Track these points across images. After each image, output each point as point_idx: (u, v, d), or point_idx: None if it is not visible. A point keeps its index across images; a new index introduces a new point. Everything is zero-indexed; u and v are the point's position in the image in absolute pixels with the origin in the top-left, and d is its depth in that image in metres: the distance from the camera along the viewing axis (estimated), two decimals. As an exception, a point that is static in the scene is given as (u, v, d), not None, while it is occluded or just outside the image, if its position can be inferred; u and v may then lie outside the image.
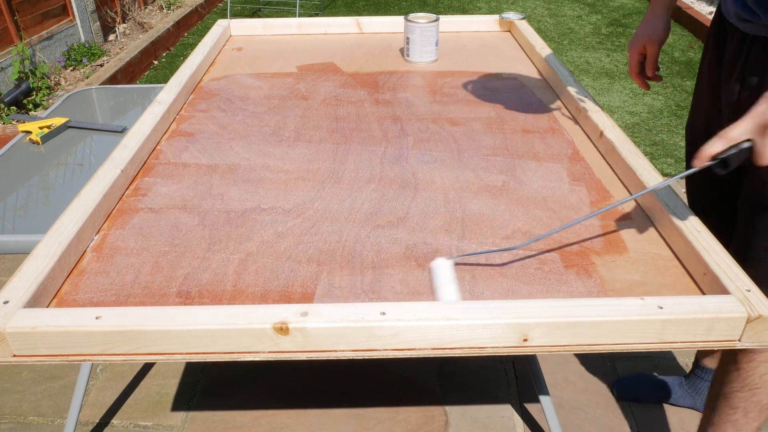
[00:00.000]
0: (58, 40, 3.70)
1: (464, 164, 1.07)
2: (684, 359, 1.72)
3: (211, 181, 1.03)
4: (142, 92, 1.78)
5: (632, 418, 1.55)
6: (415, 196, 0.98)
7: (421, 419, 1.55)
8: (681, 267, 0.81)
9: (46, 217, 1.18)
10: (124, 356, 0.68)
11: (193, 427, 1.54)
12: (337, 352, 0.68)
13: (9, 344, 0.67)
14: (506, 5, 5.24)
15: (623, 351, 0.70)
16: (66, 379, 1.69)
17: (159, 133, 1.16)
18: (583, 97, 1.23)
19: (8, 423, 1.55)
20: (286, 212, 0.93)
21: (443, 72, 1.51)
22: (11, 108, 3.13)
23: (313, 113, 1.28)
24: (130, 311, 0.68)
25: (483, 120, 1.24)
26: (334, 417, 1.56)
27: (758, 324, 0.68)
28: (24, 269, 0.75)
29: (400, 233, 0.88)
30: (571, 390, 1.63)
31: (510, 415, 1.57)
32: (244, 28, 1.80)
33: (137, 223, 0.91)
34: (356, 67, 1.54)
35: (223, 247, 0.85)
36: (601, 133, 1.10)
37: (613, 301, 0.70)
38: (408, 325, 0.67)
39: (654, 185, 0.86)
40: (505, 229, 0.89)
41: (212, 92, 1.39)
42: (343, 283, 0.78)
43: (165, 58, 4.22)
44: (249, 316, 0.68)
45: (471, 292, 0.77)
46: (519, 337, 0.68)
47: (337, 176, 1.04)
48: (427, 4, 5.32)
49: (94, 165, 1.35)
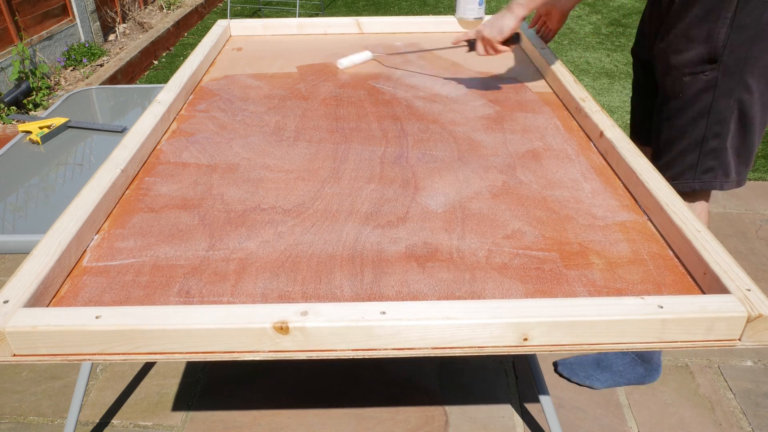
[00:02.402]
0: (58, 40, 3.70)
1: (464, 164, 1.07)
2: (684, 359, 1.72)
3: (211, 180, 1.03)
4: (142, 92, 1.78)
5: (632, 418, 1.55)
6: (415, 195, 0.98)
7: (421, 419, 1.55)
8: (681, 266, 0.81)
9: (46, 217, 1.17)
10: (124, 356, 0.68)
11: (193, 427, 1.54)
12: (337, 352, 0.68)
13: (9, 343, 0.67)
14: (506, 5, 5.23)
15: (623, 350, 0.70)
16: (66, 379, 1.69)
17: (159, 133, 1.16)
18: (583, 97, 1.23)
19: (8, 423, 1.55)
20: (286, 212, 0.93)
21: (443, 72, 1.51)
22: (11, 108, 3.13)
23: (313, 113, 1.28)
24: (130, 311, 0.68)
25: (483, 120, 1.24)
26: (333, 417, 1.56)
27: (758, 323, 0.68)
28: (24, 269, 0.75)
29: (400, 233, 0.88)
30: (571, 390, 1.63)
31: (510, 415, 1.57)
32: (244, 28, 1.80)
33: (137, 222, 0.91)
34: (356, 67, 1.54)
35: (223, 247, 0.85)
36: (601, 133, 1.10)
37: (613, 300, 0.70)
38: (408, 324, 0.67)
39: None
40: (505, 229, 0.89)
41: (212, 92, 1.39)
42: (343, 283, 0.78)
43: (165, 58, 4.22)
44: (249, 315, 0.68)
45: (471, 291, 0.77)
46: (519, 336, 0.68)
47: (337, 176, 1.04)
48: (427, 4, 5.32)
49: (94, 165, 1.35)
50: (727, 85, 1.20)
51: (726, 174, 1.28)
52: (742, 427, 1.53)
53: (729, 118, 1.23)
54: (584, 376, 1.63)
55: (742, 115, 1.23)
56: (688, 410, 1.58)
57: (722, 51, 1.18)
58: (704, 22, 1.19)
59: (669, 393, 1.63)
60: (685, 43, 1.23)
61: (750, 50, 1.17)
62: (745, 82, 1.19)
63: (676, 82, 1.26)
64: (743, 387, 1.64)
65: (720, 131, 1.24)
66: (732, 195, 2.51)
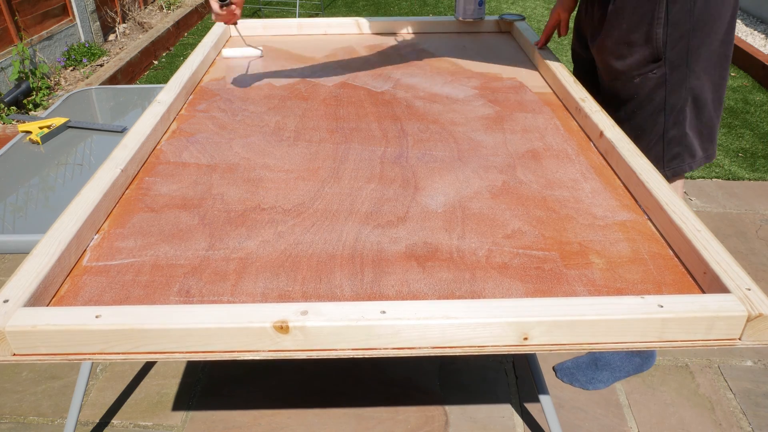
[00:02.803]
0: (58, 40, 3.71)
1: (464, 164, 1.07)
2: (684, 359, 1.72)
3: (211, 180, 1.03)
4: (142, 92, 1.78)
5: (632, 418, 1.55)
6: (415, 195, 0.98)
7: (421, 419, 1.55)
8: (681, 266, 0.81)
9: (46, 217, 1.17)
10: (124, 355, 0.68)
11: (193, 427, 1.54)
12: (338, 351, 0.69)
13: (9, 343, 0.67)
14: (506, 5, 5.24)
15: (623, 350, 0.70)
16: (66, 379, 1.69)
17: (159, 132, 1.16)
18: (583, 97, 1.23)
19: (8, 423, 1.55)
20: (286, 212, 0.93)
21: (443, 72, 1.51)
22: (11, 108, 3.13)
23: (313, 113, 1.28)
24: (130, 310, 0.68)
25: (483, 120, 1.24)
26: (333, 417, 1.56)
27: (758, 323, 0.68)
28: (24, 268, 0.75)
29: (400, 233, 0.88)
30: (571, 390, 1.63)
31: (510, 415, 1.57)
32: (244, 28, 1.80)
33: (137, 222, 0.91)
34: (356, 67, 1.54)
35: (223, 247, 0.85)
36: (601, 133, 1.10)
37: (614, 299, 0.70)
38: (408, 323, 0.67)
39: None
40: (505, 229, 0.89)
41: (212, 92, 1.39)
42: (343, 282, 0.78)
43: (165, 58, 4.22)
44: (249, 314, 0.68)
45: (471, 291, 0.77)
46: (519, 335, 0.68)
47: (337, 176, 1.04)
48: (427, 4, 5.32)
49: (94, 165, 1.35)
50: (676, 77, 1.26)
51: (692, 155, 1.34)
52: (742, 427, 1.53)
53: (684, 107, 1.29)
54: (586, 380, 1.63)
55: (696, 100, 1.29)
56: (688, 410, 1.58)
57: (664, 49, 1.24)
58: (641, 26, 1.24)
59: (669, 393, 1.63)
60: (626, 48, 1.28)
61: (690, 42, 1.23)
62: (692, 70, 1.25)
63: (627, 86, 1.31)
64: (743, 387, 1.64)
65: (678, 120, 1.30)
66: (732, 195, 2.51)
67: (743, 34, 4.26)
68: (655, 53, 1.25)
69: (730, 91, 3.46)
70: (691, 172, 2.64)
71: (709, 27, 1.22)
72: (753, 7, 4.67)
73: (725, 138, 2.95)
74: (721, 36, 1.24)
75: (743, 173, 2.66)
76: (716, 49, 1.25)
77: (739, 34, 4.22)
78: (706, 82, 1.28)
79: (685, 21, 1.22)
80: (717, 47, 1.25)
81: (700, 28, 1.22)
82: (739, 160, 2.76)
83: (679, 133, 1.31)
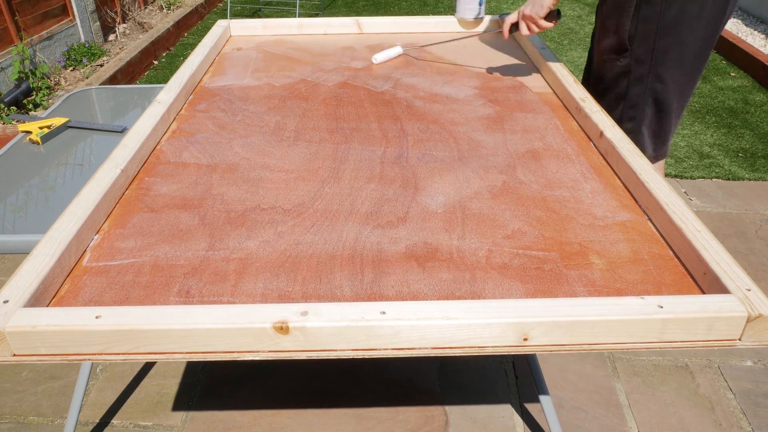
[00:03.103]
0: (58, 40, 3.70)
1: (464, 164, 1.07)
2: (684, 359, 1.72)
3: (211, 180, 1.03)
4: (142, 92, 1.78)
5: (632, 418, 1.55)
6: (415, 196, 0.98)
7: (421, 419, 1.55)
8: (681, 266, 0.81)
9: (46, 217, 1.17)
10: (124, 355, 0.68)
11: (193, 427, 1.54)
12: (337, 352, 0.68)
13: (9, 343, 0.67)
14: (506, 5, 5.24)
15: (623, 350, 0.70)
16: (66, 379, 1.69)
17: (159, 133, 1.16)
18: (583, 97, 1.23)
19: (8, 423, 1.55)
20: (286, 212, 0.93)
21: (443, 72, 1.51)
22: (11, 108, 3.13)
23: (313, 113, 1.28)
24: (130, 310, 0.68)
25: (483, 120, 1.24)
26: (334, 417, 1.56)
27: (758, 323, 0.68)
28: (24, 269, 0.75)
29: (400, 233, 0.88)
30: (571, 390, 1.63)
31: (510, 415, 1.57)
32: (244, 28, 1.80)
33: (137, 222, 0.91)
34: (356, 67, 1.54)
35: (223, 247, 0.85)
36: (601, 133, 1.10)
37: (614, 300, 0.70)
38: (408, 324, 0.67)
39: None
40: (505, 229, 0.89)
41: (212, 92, 1.39)
42: (343, 283, 0.78)
43: (165, 58, 4.22)
44: (249, 315, 0.68)
45: (471, 291, 0.77)
46: (519, 336, 0.68)
47: (337, 176, 1.04)
48: (427, 4, 5.32)
49: (94, 165, 1.35)
50: (639, 72, 1.34)
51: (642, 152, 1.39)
52: (742, 427, 1.53)
53: (642, 105, 1.36)
54: None
55: (658, 103, 1.35)
56: (688, 410, 1.58)
57: (630, 42, 1.31)
58: (614, 15, 1.34)
59: (669, 393, 1.63)
60: (603, 32, 1.40)
61: (656, 43, 1.29)
62: (656, 73, 1.31)
63: (602, 66, 1.43)
64: (743, 387, 1.64)
65: (635, 115, 1.37)
66: (732, 195, 2.51)
67: (743, 34, 4.26)
68: (622, 43, 1.33)
69: (730, 91, 3.46)
70: (691, 172, 2.64)
71: (680, 37, 1.27)
72: (753, 7, 4.66)
73: (725, 138, 2.95)
74: (695, 50, 1.28)
75: (743, 173, 2.66)
76: (688, 61, 1.29)
77: (739, 34, 4.22)
78: (673, 90, 1.33)
79: (653, 20, 1.27)
80: (690, 59, 1.29)
81: (668, 33, 1.27)
82: (739, 160, 2.76)
83: (633, 128, 1.39)
